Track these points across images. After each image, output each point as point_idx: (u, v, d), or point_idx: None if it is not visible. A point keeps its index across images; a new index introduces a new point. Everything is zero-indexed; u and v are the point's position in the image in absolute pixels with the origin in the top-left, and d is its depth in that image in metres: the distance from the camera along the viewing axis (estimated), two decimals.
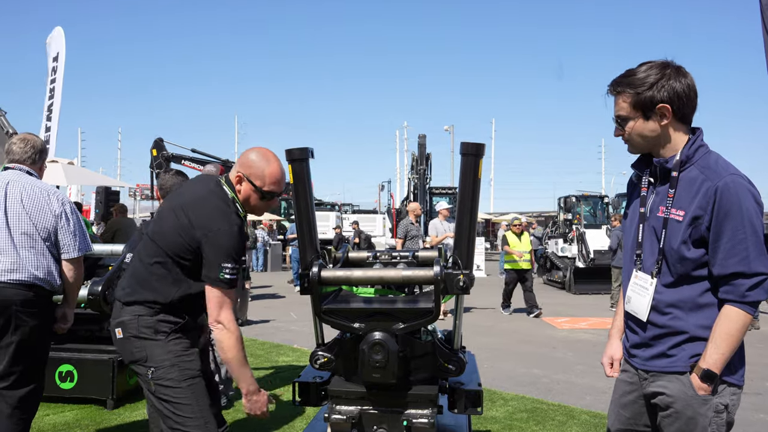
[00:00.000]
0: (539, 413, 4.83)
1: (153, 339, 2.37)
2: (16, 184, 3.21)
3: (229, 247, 2.30)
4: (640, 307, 2.00)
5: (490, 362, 6.62)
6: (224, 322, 2.30)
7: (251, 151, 2.48)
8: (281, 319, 9.70)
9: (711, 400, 1.89)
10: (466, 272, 2.14)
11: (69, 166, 10.62)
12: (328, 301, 2.28)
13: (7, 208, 3.16)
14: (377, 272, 2.33)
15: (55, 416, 4.49)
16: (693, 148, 1.95)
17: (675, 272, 1.93)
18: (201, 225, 2.32)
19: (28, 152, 3.34)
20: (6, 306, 3.08)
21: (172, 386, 2.34)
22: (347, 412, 2.23)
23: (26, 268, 3.14)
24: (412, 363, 2.22)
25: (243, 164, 2.44)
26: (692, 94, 1.95)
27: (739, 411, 2.01)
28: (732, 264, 1.84)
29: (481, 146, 2.16)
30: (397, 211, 22.93)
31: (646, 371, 2.02)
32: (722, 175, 1.86)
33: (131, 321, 2.40)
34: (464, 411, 2.32)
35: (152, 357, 2.36)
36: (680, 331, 1.93)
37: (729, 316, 1.86)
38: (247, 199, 2.45)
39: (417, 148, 17.01)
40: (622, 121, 2.00)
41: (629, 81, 1.96)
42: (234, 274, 2.30)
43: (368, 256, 2.57)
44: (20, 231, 3.16)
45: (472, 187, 2.17)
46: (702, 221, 1.86)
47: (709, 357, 1.86)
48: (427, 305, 2.17)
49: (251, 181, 2.41)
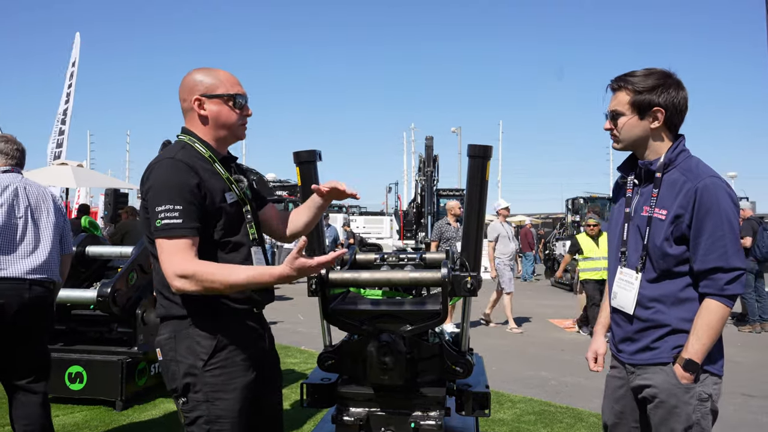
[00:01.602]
0: (547, 415, 4.82)
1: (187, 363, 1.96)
2: (31, 187, 3.40)
3: (161, 185, 1.88)
4: (627, 301, 2.11)
5: (497, 364, 6.61)
6: (179, 271, 1.82)
7: (188, 75, 2.08)
8: (288, 321, 9.71)
9: (694, 388, 1.99)
10: (473, 274, 2.14)
11: (78, 168, 10.69)
12: (335, 302, 2.29)
13: (33, 211, 3.35)
14: (385, 274, 2.33)
15: (65, 417, 4.51)
16: (676, 152, 2.08)
17: (658, 268, 2.05)
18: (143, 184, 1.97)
19: (17, 155, 3.45)
20: (40, 303, 3.28)
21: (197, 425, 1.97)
22: (355, 414, 2.23)
23: (51, 267, 3.37)
24: (420, 365, 2.22)
25: (191, 88, 2.04)
26: (685, 107, 2.09)
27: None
28: (712, 259, 1.96)
29: (488, 148, 2.17)
30: (405, 213, 22.92)
31: (633, 365, 2.13)
32: (702, 176, 1.99)
33: (166, 340, 2.01)
34: (472, 413, 2.32)
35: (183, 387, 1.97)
36: (663, 324, 2.04)
37: (709, 308, 1.97)
38: (219, 120, 2.05)
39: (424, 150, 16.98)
40: (617, 115, 2.11)
41: (633, 80, 2.07)
42: (174, 218, 1.84)
43: (376, 257, 2.58)
44: (46, 232, 3.38)
45: (480, 190, 2.17)
46: (683, 219, 1.99)
47: (691, 347, 1.97)
48: (434, 307, 2.17)
49: (215, 95, 2.03)
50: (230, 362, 1.97)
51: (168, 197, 1.86)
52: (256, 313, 2.14)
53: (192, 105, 2.04)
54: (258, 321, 2.15)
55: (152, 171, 1.94)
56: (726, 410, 5.04)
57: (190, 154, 1.99)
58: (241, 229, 2.07)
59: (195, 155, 2.01)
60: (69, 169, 10.32)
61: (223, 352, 1.96)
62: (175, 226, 1.85)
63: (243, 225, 2.08)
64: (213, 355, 1.95)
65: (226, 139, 2.12)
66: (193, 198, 1.89)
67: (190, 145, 2.04)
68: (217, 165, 2.05)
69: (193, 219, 1.88)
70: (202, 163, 2.00)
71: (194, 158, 1.98)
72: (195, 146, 2.04)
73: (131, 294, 4.72)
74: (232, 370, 1.98)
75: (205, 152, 2.04)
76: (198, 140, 2.05)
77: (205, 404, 1.94)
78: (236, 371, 1.98)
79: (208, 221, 1.95)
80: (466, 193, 2.23)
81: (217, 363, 1.95)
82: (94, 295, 4.53)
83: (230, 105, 2.05)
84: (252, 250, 2.07)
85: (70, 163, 10.85)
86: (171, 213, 1.85)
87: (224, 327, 1.98)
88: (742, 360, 7.08)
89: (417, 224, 19.13)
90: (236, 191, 2.07)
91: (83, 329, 5.03)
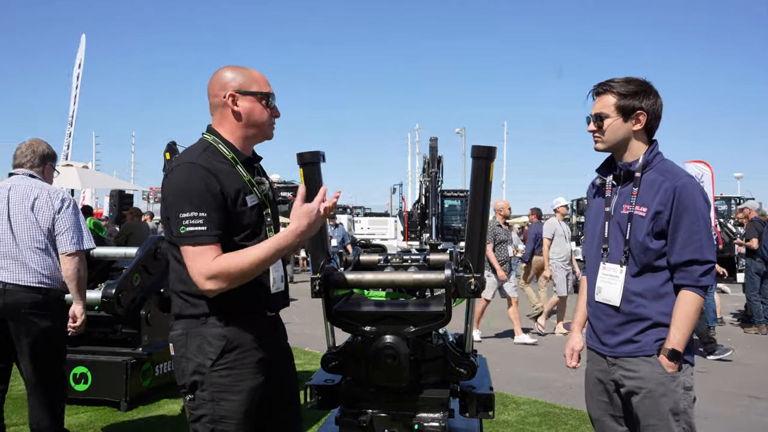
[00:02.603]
0: (552, 417, 4.80)
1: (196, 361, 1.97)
2: (17, 187, 3.31)
3: (183, 191, 1.88)
4: (613, 294, 2.22)
5: (501, 366, 6.59)
6: (206, 273, 1.84)
7: (219, 71, 2.07)
8: (293, 322, 9.69)
9: (678, 377, 2.14)
10: (477, 275, 2.14)
11: (83, 169, 10.73)
12: (339, 304, 2.29)
13: (11, 212, 3.24)
14: (388, 275, 2.33)
15: (69, 418, 4.52)
16: (652, 155, 2.25)
17: (639, 262, 2.18)
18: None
19: (27, 156, 3.43)
20: (16, 309, 3.16)
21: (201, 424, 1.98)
22: (358, 416, 2.23)
23: (33, 269, 3.21)
24: (423, 366, 2.22)
25: (224, 84, 2.03)
26: (661, 114, 2.28)
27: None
28: (688, 252, 2.12)
29: (492, 149, 2.16)
30: (409, 214, 22.90)
31: (615, 357, 2.23)
32: (680, 176, 2.17)
33: (178, 336, 2.02)
34: (476, 415, 2.32)
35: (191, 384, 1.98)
36: (645, 317, 2.17)
37: (686, 299, 2.13)
38: (251, 117, 2.05)
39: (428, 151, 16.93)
40: (602, 117, 2.25)
41: (618, 86, 2.24)
42: (198, 225, 1.85)
43: (379, 259, 2.57)
44: (25, 233, 3.24)
45: (483, 191, 2.17)
46: (663, 216, 2.14)
47: (673, 337, 2.12)
48: (438, 309, 2.17)
49: (249, 92, 2.03)
50: (239, 364, 1.97)
51: (191, 203, 1.87)
52: (270, 317, 2.13)
53: (225, 100, 2.02)
54: (272, 324, 2.14)
55: (174, 175, 1.95)
56: (733, 412, 5.02)
57: (212, 157, 1.98)
58: (262, 231, 2.06)
59: (217, 157, 2.00)
60: (74, 171, 10.36)
61: (232, 354, 1.96)
62: (200, 233, 1.86)
63: (263, 227, 2.07)
64: (222, 356, 1.95)
65: (255, 137, 2.11)
66: (215, 204, 1.90)
67: (214, 146, 2.03)
68: (239, 167, 2.03)
69: (217, 226, 1.89)
70: (224, 166, 1.99)
71: (216, 161, 1.98)
72: (219, 147, 2.03)
73: (136, 295, 4.73)
74: (241, 372, 1.97)
75: (228, 154, 2.03)
76: (222, 141, 2.04)
77: (210, 403, 1.95)
78: (244, 373, 1.98)
79: (229, 224, 1.94)
80: (469, 195, 2.23)
81: (225, 364, 1.95)
82: (98, 296, 4.53)
83: (263, 103, 2.06)
84: None
85: (75, 164, 10.89)
86: (195, 220, 1.86)
87: (236, 329, 1.98)
88: (749, 362, 7.06)
89: (421, 225, 19.08)
90: (257, 194, 2.06)
91: (88, 330, 4.94)
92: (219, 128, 2.07)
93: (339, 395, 2.30)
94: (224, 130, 2.06)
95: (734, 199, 23.58)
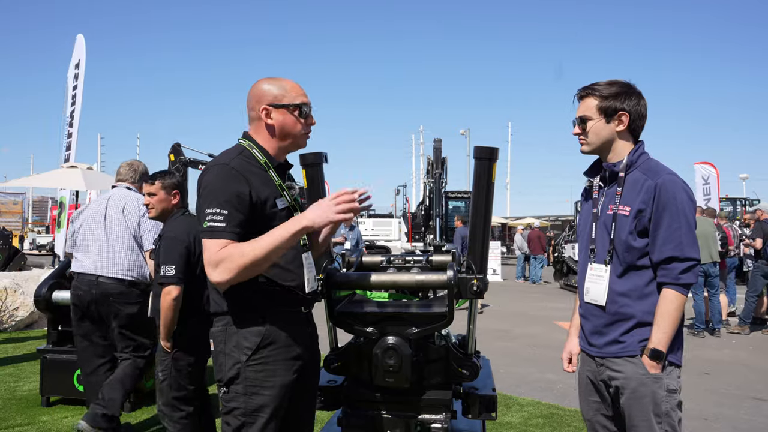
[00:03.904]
0: (555, 419, 4.79)
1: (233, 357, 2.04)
2: (114, 197, 4.17)
3: (212, 190, 1.98)
4: (599, 293, 2.24)
5: (505, 367, 6.58)
6: (221, 263, 1.91)
7: (256, 85, 2.17)
8: None
9: (662, 379, 2.13)
10: (480, 276, 2.13)
11: (88, 171, 10.72)
12: (341, 305, 2.29)
13: (107, 217, 4.09)
14: (391, 276, 2.33)
15: (74, 418, 4.54)
16: (636, 155, 2.26)
17: (623, 261, 2.19)
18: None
19: (129, 174, 4.32)
20: (105, 296, 3.96)
21: (233, 417, 2.04)
22: (361, 417, 2.23)
23: (120, 264, 4.00)
24: (426, 367, 2.22)
25: (260, 97, 2.13)
26: (645, 114, 2.29)
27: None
28: (668, 250, 2.12)
29: (494, 150, 2.16)
30: (413, 215, 22.87)
31: (602, 357, 2.24)
32: (661, 174, 2.17)
33: (218, 332, 2.10)
34: (478, 416, 2.31)
35: (228, 379, 2.05)
36: (629, 317, 2.18)
37: (666, 297, 2.13)
38: (284, 129, 2.13)
39: (433, 152, 16.93)
40: (585, 119, 2.28)
41: (600, 88, 2.27)
42: (218, 221, 1.94)
43: (382, 260, 2.57)
44: (116, 234, 4.04)
45: (486, 191, 2.17)
46: (645, 214, 2.15)
47: (654, 337, 2.12)
48: (440, 310, 2.17)
49: (281, 104, 2.11)
50: (272, 360, 2.04)
51: (216, 201, 1.96)
52: (305, 313, 2.18)
53: (259, 114, 2.12)
54: (306, 324, 2.19)
55: (207, 174, 2.05)
56: (737, 413, 5.00)
57: (246, 161, 2.08)
58: None
59: (250, 161, 2.09)
60: (79, 172, 10.36)
61: (266, 350, 2.03)
62: (218, 228, 1.94)
63: None
64: (257, 351, 2.02)
65: (288, 147, 2.20)
66: (239, 205, 1.97)
67: (248, 150, 2.12)
68: (272, 172, 2.12)
69: (236, 225, 1.96)
70: (256, 170, 2.08)
71: (248, 165, 2.07)
72: (253, 152, 2.12)
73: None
74: (274, 368, 2.04)
75: (262, 159, 2.12)
76: (256, 146, 2.14)
77: (243, 397, 2.02)
78: (277, 369, 2.04)
79: (258, 226, 2.00)
80: (472, 195, 2.22)
81: (259, 359, 2.02)
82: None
83: (295, 114, 2.14)
84: (303, 255, 2.13)
85: (80, 165, 10.89)
86: (217, 216, 1.94)
87: (272, 326, 2.05)
88: (753, 364, 7.03)
89: (425, 227, 19.07)
90: (287, 198, 2.14)
91: None
92: (254, 136, 2.17)
93: (342, 396, 2.30)
94: (259, 139, 2.16)
95: (740, 200, 23.49)
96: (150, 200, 3.51)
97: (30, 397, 5.08)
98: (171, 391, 3.31)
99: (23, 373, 5.93)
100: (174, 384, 3.31)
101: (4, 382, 5.60)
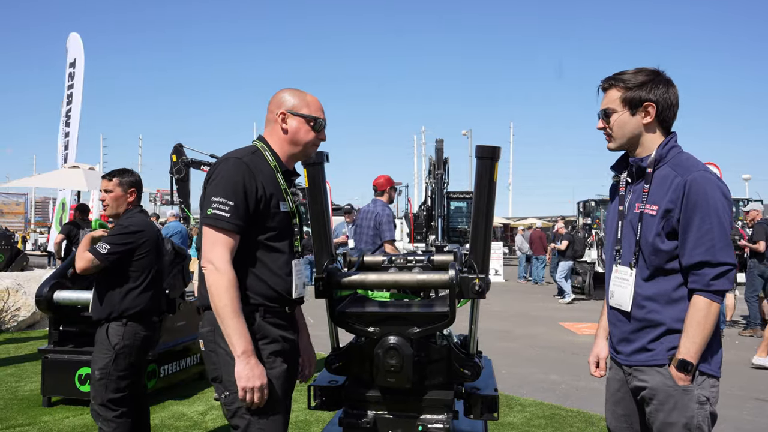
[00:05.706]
0: (557, 420, 4.78)
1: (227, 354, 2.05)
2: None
3: (222, 180, 2.05)
4: (623, 298, 2.09)
5: (507, 367, 6.57)
6: (214, 261, 2.00)
7: (279, 92, 2.28)
8: None
9: (692, 391, 1.97)
10: (481, 276, 2.12)
11: (90, 171, 10.76)
12: (343, 305, 2.28)
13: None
14: (392, 276, 2.32)
15: (75, 419, 4.54)
16: (666, 148, 2.07)
17: (650, 264, 2.03)
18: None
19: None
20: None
21: (244, 417, 2.06)
22: (362, 417, 2.22)
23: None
24: (428, 367, 2.21)
25: (281, 103, 2.24)
26: (676, 103, 2.10)
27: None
28: (698, 254, 1.93)
29: (496, 149, 2.15)
30: (415, 216, 22.88)
31: (630, 366, 2.11)
32: (692, 170, 1.98)
33: (207, 332, 2.12)
34: (480, 417, 2.30)
35: (227, 378, 2.06)
36: (658, 323, 2.02)
37: (697, 305, 1.96)
38: (296, 136, 2.22)
39: (435, 153, 16.95)
40: (609, 112, 2.13)
41: (623, 78, 2.10)
42: (223, 210, 2.01)
43: (383, 260, 2.56)
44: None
45: (488, 191, 2.15)
46: (673, 214, 1.97)
47: (683, 346, 1.96)
48: (442, 309, 2.16)
49: (298, 113, 2.22)
50: (266, 354, 2.10)
51: (224, 191, 2.04)
52: (288, 313, 2.23)
53: (276, 117, 2.23)
54: (289, 320, 2.24)
55: (219, 166, 2.12)
56: (740, 414, 4.98)
57: (257, 159, 2.17)
58: (287, 238, 2.20)
59: (261, 161, 2.18)
60: (81, 172, 10.40)
61: (258, 344, 2.08)
62: (222, 218, 2.02)
63: (291, 235, 2.22)
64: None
65: (296, 155, 2.28)
66: (246, 199, 2.06)
67: (261, 151, 2.21)
68: (279, 175, 2.21)
69: (240, 217, 2.04)
70: (266, 170, 2.16)
71: (260, 164, 2.16)
72: (265, 153, 2.21)
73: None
74: (268, 360, 2.10)
75: (272, 161, 2.21)
76: (269, 149, 2.23)
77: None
78: (274, 362, 2.11)
79: (257, 222, 2.09)
80: (474, 195, 2.21)
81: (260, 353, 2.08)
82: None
83: (310, 125, 2.24)
84: (293, 262, 2.20)
85: (81, 166, 10.93)
86: (222, 206, 2.02)
87: (261, 322, 2.11)
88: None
89: (427, 227, 19.09)
90: (290, 203, 2.22)
91: (93, 331, 5.05)
92: (268, 139, 2.26)
93: (343, 396, 2.29)
94: (272, 142, 2.25)
95: (742, 201, 23.45)
96: (105, 196, 3.45)
97: (31, 398, 5.08)
98: (107, 392, 3.22)
99: (25, 373, 5.94)
100: (111, 385, 3.23)
101: (5, 382, 5.60)
